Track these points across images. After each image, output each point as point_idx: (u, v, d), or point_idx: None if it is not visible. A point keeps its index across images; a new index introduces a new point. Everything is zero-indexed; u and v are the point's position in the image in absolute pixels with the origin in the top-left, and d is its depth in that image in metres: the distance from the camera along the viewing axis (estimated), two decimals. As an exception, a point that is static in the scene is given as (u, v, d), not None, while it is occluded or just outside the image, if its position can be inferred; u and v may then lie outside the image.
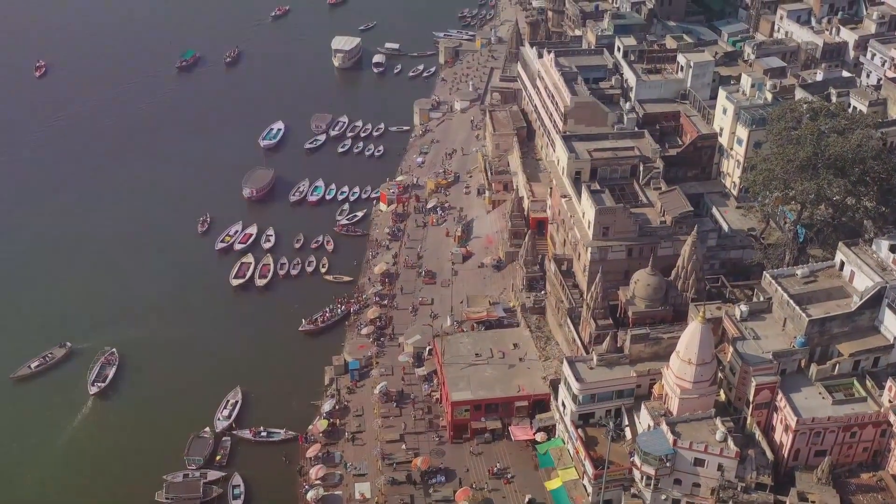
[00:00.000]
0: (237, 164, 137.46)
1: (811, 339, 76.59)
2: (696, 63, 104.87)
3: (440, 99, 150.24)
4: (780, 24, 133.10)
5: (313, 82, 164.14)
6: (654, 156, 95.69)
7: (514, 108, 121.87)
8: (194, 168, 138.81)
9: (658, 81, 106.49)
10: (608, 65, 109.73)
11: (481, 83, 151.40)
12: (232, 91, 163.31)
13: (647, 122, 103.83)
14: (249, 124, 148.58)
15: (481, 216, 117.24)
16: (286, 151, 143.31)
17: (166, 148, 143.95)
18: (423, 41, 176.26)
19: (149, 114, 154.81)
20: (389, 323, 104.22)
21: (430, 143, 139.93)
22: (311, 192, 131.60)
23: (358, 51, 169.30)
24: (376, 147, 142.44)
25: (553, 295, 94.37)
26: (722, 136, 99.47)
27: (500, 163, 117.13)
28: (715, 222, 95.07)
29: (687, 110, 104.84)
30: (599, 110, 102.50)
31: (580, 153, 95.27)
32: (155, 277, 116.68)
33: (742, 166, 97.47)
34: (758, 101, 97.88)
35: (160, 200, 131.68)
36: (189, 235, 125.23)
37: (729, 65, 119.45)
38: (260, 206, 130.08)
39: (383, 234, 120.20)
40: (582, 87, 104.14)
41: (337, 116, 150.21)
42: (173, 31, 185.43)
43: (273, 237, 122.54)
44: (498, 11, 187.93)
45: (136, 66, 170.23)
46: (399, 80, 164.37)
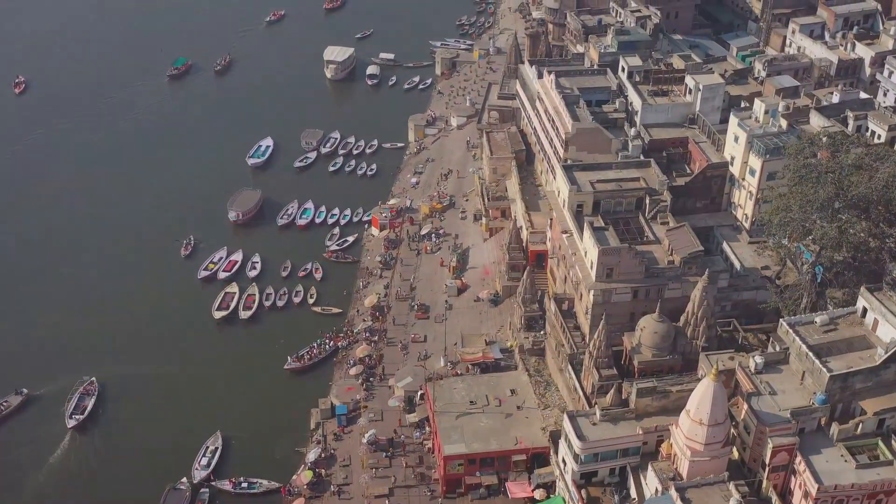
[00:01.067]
0: (223, 183, 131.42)
1: (832, 395, 70.66)
2: (705, 86, 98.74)
3: (436, 114, 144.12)
4: (791, 39, 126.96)
5: (305, 94, 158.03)
6: (661, 188, 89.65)
7: (512, 129, 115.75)
8: (179, 187, 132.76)
9: (665, 105, 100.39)
10: (612, 86, 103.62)
11: (479, 97, 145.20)
12: (221, 103, 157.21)
13: (653, 149, 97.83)
14: (237, 140, 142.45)
15: (478, 244, 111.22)
16: (275, 170, 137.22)
17: (150, 165, 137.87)
18: (420, 50, 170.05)
19: (134, 128, 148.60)
20: (379, 361, 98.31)
21: (424, 162, 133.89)
22: (299, 215, 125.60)
23: (351, 61, 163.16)
24: (369, 165, 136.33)
25: (553, 337, 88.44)
26: (733, 165, 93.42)
27: (497, 188, 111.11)
28: (726, 259, 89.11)
29: (695, 136, 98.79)
30: (603, 137, 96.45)
31: (582, 185, 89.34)
32: (136, 305, 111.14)
33: (755, 198, 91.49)
34: (772, 129, 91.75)
35: (142, 221, 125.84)
36: (172, 259, 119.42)
37: (739, 83, 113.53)
38: (246, 230, 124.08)
39: (374, 262, 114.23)
40: (584, 112, 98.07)
41: (328, 132, 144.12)
42: (167, 37, 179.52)
43: (259, 264, 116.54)
44: (497, 19, 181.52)
45: (125, 76, 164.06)
46: (394, 92, 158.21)
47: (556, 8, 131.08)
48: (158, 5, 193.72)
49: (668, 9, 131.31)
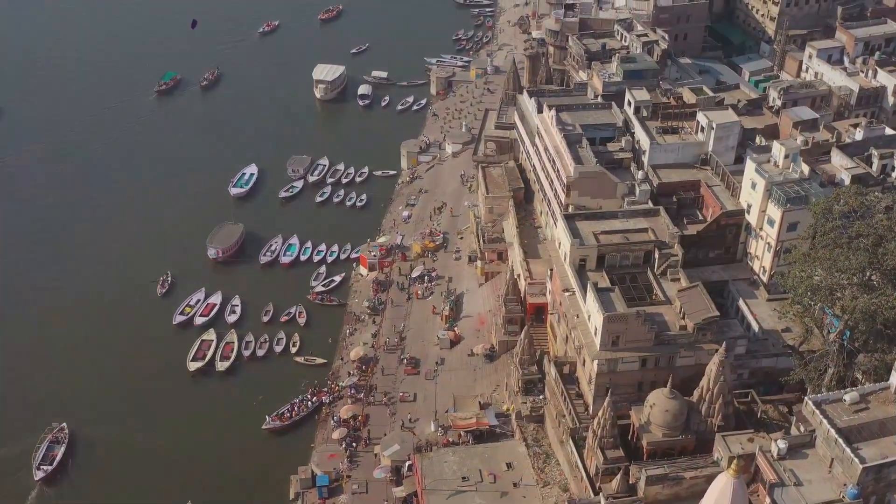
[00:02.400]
0: (204, 215, 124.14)
1: (865, 487, 63.13)
2: (718, 125, 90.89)
3: (430, 140, 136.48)
4: (808, 64, 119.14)
5: (293, 114, 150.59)
6: (671, 240, 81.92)
7: (510, 164, 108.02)
8: (158, 219, 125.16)
9: (675, 145, 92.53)
10: (617, 122, 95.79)
11: (476, 121, 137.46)
12: (205, 124, 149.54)
13: (662, 193, 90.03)
14: (221, 166, 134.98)
15: (473, 290, 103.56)
16: (259, 201, 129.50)
17: (127, 193, 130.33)
18: (414, 67, 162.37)
19: (110, 153, 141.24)
20: (365, 423, 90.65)
21: (417, 193, 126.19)
22: (284, 252, 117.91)
23: (342, 80, 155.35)
24: (359, 196, 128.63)
25: (553, 404, 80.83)
26: (750, 213, 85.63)
27: (493, 228, 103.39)
28: (742, 320, 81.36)
29: (708, 179, 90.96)
30: (607, 181, 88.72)
31: (585, 236, 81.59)
32: (109, 349, 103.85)
33: (774, 250, 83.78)
34: (792, 175, 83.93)
35: (118, 255, 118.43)
36: (147, 297, 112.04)
37: (753, 114, 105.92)
38: (226, 268, 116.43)
39: (362, 306, 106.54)
40: (587, 153, 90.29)
41: (316, 158, 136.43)
42: (158, 48, 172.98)
43: (239, 308, 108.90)
44: (495, 34, 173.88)
45: (110, 94, 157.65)
46: (387, 114, 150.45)
47: (557, 30, 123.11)
48: (151, 14, 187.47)
49: (677, 30, 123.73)
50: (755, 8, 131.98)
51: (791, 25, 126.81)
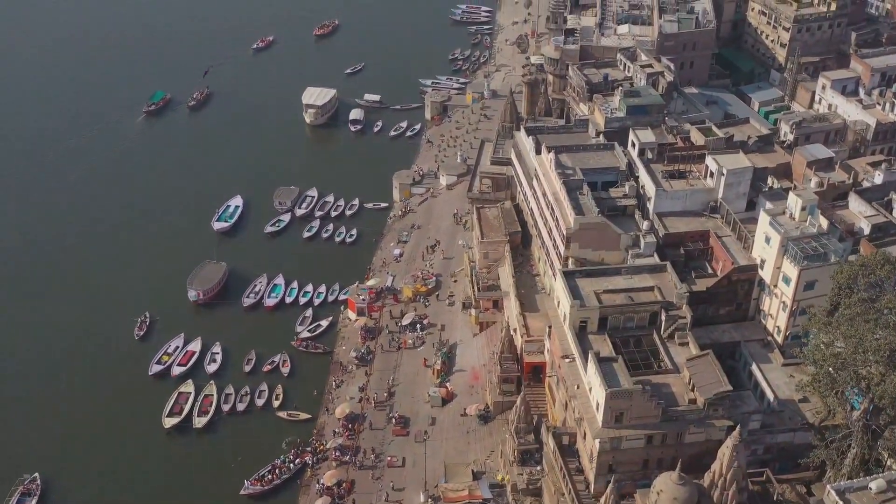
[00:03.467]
0: (186, 251, 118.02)
1: (895, 592, 57.34)
2: (729, 171, 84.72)
3: (423, 170, 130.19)
4: (821, 95, 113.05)
5: (282, 141, 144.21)
6: (679, 301, 75.85)
7: (505, 205, 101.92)
8: (137, 255, 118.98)
9: (682, 192, 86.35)
10: (620, 165, 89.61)
11: (472, 150, 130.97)
12: (191, 150, 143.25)
13: (668, 244, 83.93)
14: (205, 197, 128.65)
15: (466, 340, 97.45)
16: (243, 236, 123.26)
17: (105, 228, 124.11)
18: (409, 89, 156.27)
19: (89, 182, 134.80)
20: (350, 490, 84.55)
21: (410, 229, 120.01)
22: (268, 293, 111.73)
23: (333, 104, 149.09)
24: (348, 231, 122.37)
25: (552, 478, 74.75)
26: (763, 269, 79.50)
27: (489, 275, 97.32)
28: (756, 387, 75.30)
29: (718, 228, 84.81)
30: (610, 232, 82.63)
31: (586, 296, 75.57)
32: (83, 396, 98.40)
33: (790, 309, 77.66)
34: (810, 229, 77.74)
35: (94, 294, 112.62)
36: (124, 341, 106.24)
37: (763, 150, 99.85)
38: (207, 311, 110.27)
39: (349, 356, 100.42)
40: (588, 201, 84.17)
41: (305, 189, 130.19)
42: (150, 64, 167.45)
43: (219, 356, 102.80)
44: (493, 54, 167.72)
45: (97, 115, 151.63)
46: (379, 140, 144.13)
47: (557, 58, 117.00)
48: (143, 28, 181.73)
49: (682, 58, 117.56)
50: (764, 33, 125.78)
51: (802, 52, 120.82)
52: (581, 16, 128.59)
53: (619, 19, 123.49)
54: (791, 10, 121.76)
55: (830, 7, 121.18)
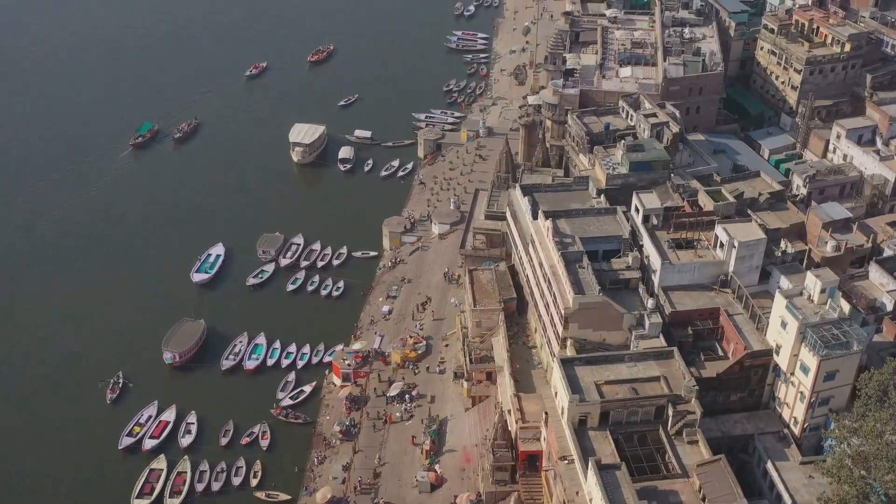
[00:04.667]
0: (163, 305, 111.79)
1: None
2: (741, 243, 78.27)
3: (415, 217, 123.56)
4: (836, 144, 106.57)
5: (268, 181, 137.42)
6: (687, 395, 69.43)
7: (500, 267, 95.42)
8: (112, 308, 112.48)
9: (690, 264, 79.92)
10: (623, 233, 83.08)
11: (466, 194, 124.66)
12: (172, 190, 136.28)
13: (675, 322, 77.61)
14: (185, 245, 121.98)
15: (458, 415, 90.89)
16: (224, 288, 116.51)
17: (79, 277, 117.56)
18: (402, 123, 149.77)
19: (69, 222, 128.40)
20: (331, 588, 78.20)
21: (400, 282, 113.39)
22: (249, 355, 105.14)
23: (322, 142, 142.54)
24: (335, 284, 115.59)
25: (548, 589, 68.42)
26: (779, 355, 73.10)
27: (482, 345, 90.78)
28: (772, 487, 68.81)
29: (729, 305, 78.48)
30: (612, 312, 76.19)
31: (586, 388, 69.37)
32: (49, 472, 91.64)
33: (808, 400, 71.26)
34: (830, 315, 71.29)
35: (64, 350, 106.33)
36: (95, 404, 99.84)
37: (775, 208, 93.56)
38: (184, 374, 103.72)
39: (333, 430, 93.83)
40: (589, 276, 77.68)
41: (290, 236, 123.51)
42: (140, 92, 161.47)
43: (195, 427, 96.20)
44: (489, 85, 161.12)
45: (84, 145, 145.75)
46: (370, 180, 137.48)
47: (556, 103, 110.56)
48: (136, 53, 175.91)
49: (689, 103, 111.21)
50: (774, 74, 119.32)
51: (815, 94, 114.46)
52: (581, 53, 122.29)
53: (622, 59, 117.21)
54: (803, 51, 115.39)
55: (844, 48, 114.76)
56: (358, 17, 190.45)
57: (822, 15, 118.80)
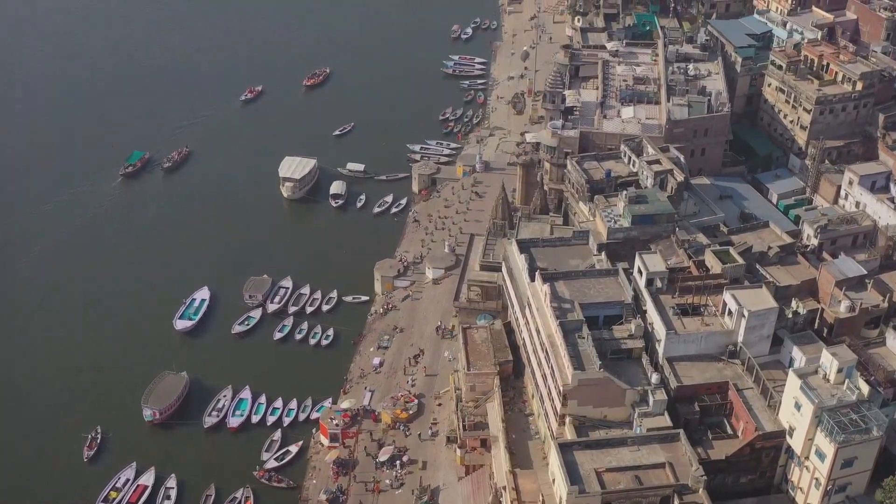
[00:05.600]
0: (145, 354, 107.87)
1: None
2: (752, 313, 73.46)
3: (408, 260, 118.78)
4: (847, 190, 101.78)
5: (257, 217, 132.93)
6: (695, 485, 64.58)
7: (496, 326, 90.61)
8: (91, 358, 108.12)
9: (697, 334, 75.08)
10: (625, 298, 78.22)
11: (462, 235, 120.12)
12: (158, 226, 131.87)
13: (681, 397, 72.73)
14: (169, 288, 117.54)
15: (451, 484, 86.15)
16: (208, 337, 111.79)
17: (56, 323, 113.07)
18: (396, 155, 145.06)
19: (52, 259, 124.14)
20: None
21: (392, 331, 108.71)
22: (233, 410, 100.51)
23: (313, 176, 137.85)
24: (324, 331, 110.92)
25: None
26: (792, 437, 68.32)
27: (476, 410, 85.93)
28: (786, 588, 64.23)
29: (738, 378, 73.60)
30: (613, 389, 71.31)
31: (586, 477, 64.63)
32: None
33: (824, 487, 66.48)
34: (847, 397, 66.52)
35: (39, 403, 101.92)
36: (72, 461, 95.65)
37: (785, 262, 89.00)
38: (164, 432, 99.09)
39: (319, 497, 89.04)
40: (589, 348, 72.78)
41: (278, 279, 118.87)
42: (132, 120, 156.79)
43: (174, 492, 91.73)
44: (487, 114, 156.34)
45: (75, 174, 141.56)
46: (362, 217, 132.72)
47: (555, 146, 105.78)
48: (130, 77, 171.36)
49: (694, 146, 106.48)
50: (783, 112, 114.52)
51: (825, 134, 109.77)
52: (581, 88, 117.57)
53: (623, 97, 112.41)
54: (812, 89, 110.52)
55: (856, 86, 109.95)
56: (355, 39, 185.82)
57: (832, 51, 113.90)
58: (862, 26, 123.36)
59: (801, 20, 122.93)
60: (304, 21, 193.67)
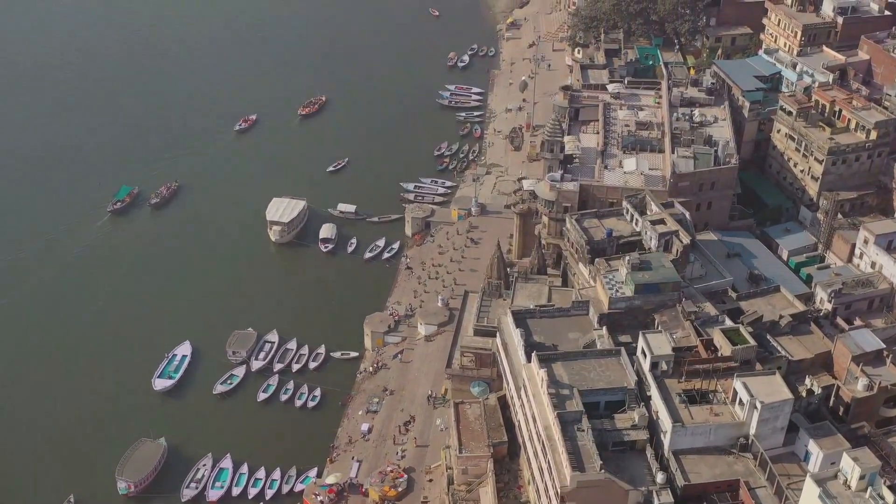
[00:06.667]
0: (121, 419, 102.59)
1: None
2: (764, 406, 68.03)
3: (400, 315, 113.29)
4: (863, 249, 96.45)
5: (243, 262, 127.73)
6: None
7: (490, 401, 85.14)
8: (65, 423, 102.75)
9: (705, 426, 69.67)
10: (629, 383, 72.77)
11: (457, 286, 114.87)
12: (143, 269, 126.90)
13: (688, 497, 67.34)
14: (150, 343, 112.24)
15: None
16: (188, 398, 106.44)
17: (31, 383, 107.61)
18: (388, 194, 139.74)
19: (29, 308, 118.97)
20: None
21: (381, 394, 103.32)
22: (213, 481, 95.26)
23: (302, 218, 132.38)
24: (311, 392, 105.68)
25: None
26: (811, 546, 62.95)
27: (468, 495, 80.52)
28: None
29: (749, 474, 68.14)
30: (615, 490, 65.88)
31: None
32: None
33: None
34: (871, 507, 61.23)
35: (10, 471, 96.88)
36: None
37: (798, 331, 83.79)
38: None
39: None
40: (589, 444, 67.36)
41: (264, 332, 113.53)
42: (123, 152, 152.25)
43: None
44: (484, 148, 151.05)
45: (60, 213, 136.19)
46: (353, 263, 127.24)
47: (553, 200, 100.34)
48: (123, 106, 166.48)
49: (700, 199, 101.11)
50: (792, 160, 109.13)
51: (837, 185, 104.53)
52: (581, 132, 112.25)
53: (625, 144, 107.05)
54: (824, 137, 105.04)
55: (870, 135, 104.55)
56: (351, 66, 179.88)
57: (845, 96, 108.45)
58: (875, 67, 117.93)
59: (811, 61, 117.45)
60: (301, 47, 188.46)
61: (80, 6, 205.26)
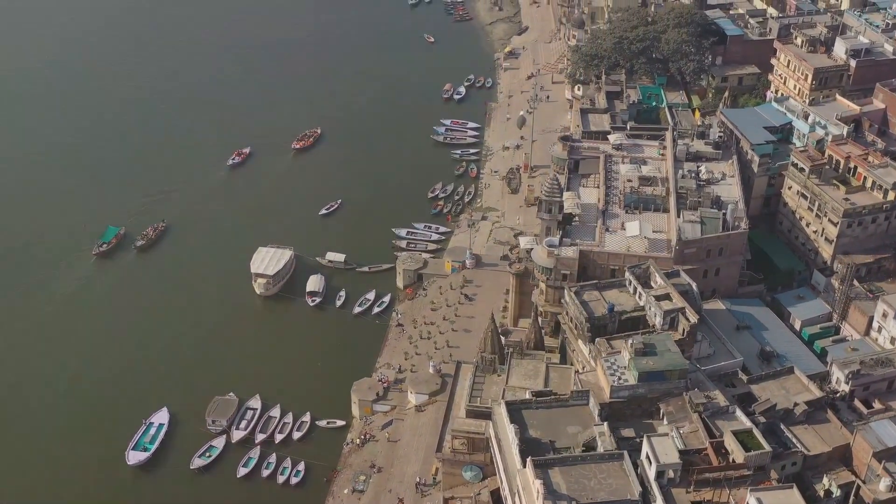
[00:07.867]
0: (91, 498, 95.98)
1: None
2: (781, 529, 62.15)
3: (389, 381, 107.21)
4: (881, 323, 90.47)
5: (226, 318, 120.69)
6: None
7: (482, 497, 79.19)
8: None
9: (717, 548, 63.85)
10: (631, 494, 66.76)
11: (449, 348, 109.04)
12: (122, 324, 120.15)
13: None
14: (124, 408, 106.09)
15: None
16: (164, 473, 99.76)
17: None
18: (380, 239, 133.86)
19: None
20: None
21: (368, 469, 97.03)
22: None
23: (288, 269, 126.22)
24: (294, 466, 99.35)
25: None
26: None
27: None
28: None
29: None
30: None
31: None
32: None
33: None
34: None
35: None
36: None
37: (814, 419, 78.22)
38: None
39: None
40: (588, 569, 61.53)
41: (246, 398, 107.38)
42: (112, 188, 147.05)
43: None
44: (479, 191, 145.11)
45: (37, 264, 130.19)
46: (340, 319, 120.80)
47: (551, 267, 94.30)
48: (110, 139, 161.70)
49: (707, 265, 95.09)
50: (805, 220, 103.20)
51: (852, 248, 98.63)
52: (581, 187, 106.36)
53: (628, 203, 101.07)
54: (838, 197, 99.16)
55: (887, 195, 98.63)
56: (345, 95, 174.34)
57: (861, 152, 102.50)
58: (891, 116, 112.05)
59: (823, 111, 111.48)
60: (297, 78, 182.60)
61: (66, 37, 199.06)
